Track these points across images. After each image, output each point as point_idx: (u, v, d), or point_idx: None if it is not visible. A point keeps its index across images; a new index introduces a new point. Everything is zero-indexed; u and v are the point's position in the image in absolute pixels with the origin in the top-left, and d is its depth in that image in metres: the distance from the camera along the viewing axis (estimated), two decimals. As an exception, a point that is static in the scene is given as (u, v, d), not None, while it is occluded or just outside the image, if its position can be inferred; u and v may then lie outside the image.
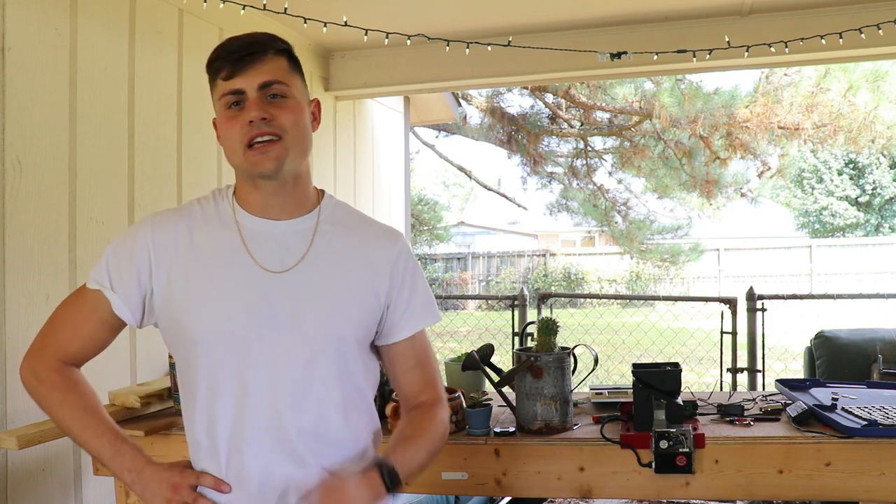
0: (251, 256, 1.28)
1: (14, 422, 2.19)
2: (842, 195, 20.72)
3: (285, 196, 1.31)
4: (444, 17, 3.56)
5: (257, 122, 1.23)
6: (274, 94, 1.26)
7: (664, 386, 1.97)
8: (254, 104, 1.24)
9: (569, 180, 9.10)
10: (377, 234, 1.39)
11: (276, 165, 1.26)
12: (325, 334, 1.27)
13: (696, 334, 6.25)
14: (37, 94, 2.32)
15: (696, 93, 6.74)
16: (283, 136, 1.25)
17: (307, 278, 1.28)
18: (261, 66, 1.26)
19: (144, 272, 1.29)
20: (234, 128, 1.25)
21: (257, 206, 1.32)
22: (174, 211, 1.37)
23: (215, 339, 1.25)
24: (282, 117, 1.25)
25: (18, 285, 2.24)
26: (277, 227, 1.31)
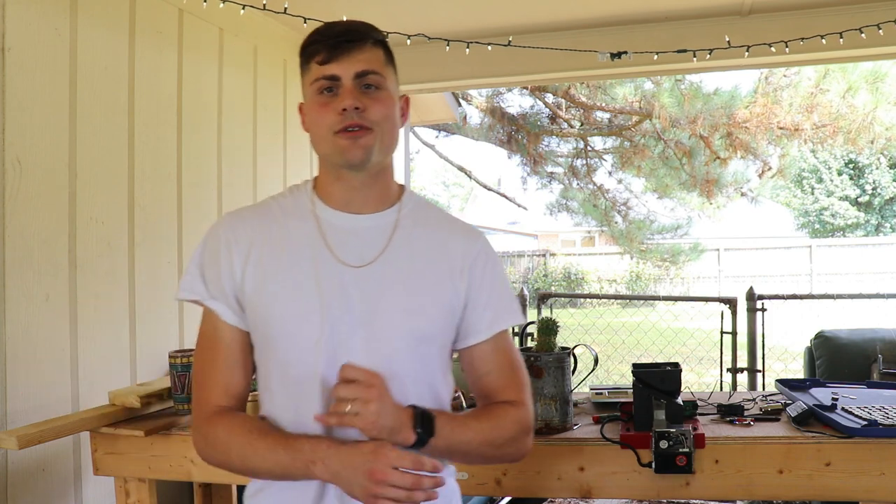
0: (330, 250, 1.25)
1: (14, 422, 2.19)
2: (842, 195, 20.72)
3: (368, 189, 1.28)
4: (444, 17, 3.56)
5: (350, 110, 1.20)
6: (368, 84, 1.23)
7: (664, 386, 1.97)
8: (348, 92, 1.21)
9: (569, 180, 9.10)
10: (458, 231, 1.35)
11: (364, 155, 1.22)
12: (405, 331, 1.24)
13: (696, 334, 6.25)
14: (37, 94, 2.32)
15: (696, 93, 6.74)
16: (373, 128, 1.22)
17: (386, 273, 1.25)
18: (358, 54, 1.23)
19: (228, 272, 1.27)
20: (326, 114, 1.22)
21: (339, 200, 1.29)
22: (250, 207, 1.35)
23: (291, 333, 1.23)
24: (374, 109, 1.22)
25: (18, 285, 2.24)
26: (358, 221, 1.28)
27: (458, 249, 1.31)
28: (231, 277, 1.26)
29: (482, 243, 1.35)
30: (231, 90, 3.33)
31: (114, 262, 2.63)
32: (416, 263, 1.28)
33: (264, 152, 3.62)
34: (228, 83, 3.30)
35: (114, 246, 2.64)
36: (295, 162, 3.87)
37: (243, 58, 3.45)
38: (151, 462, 2.09)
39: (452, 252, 1.31)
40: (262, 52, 3.57)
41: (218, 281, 1.27)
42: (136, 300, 2.73)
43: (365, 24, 1.28)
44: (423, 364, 1.27)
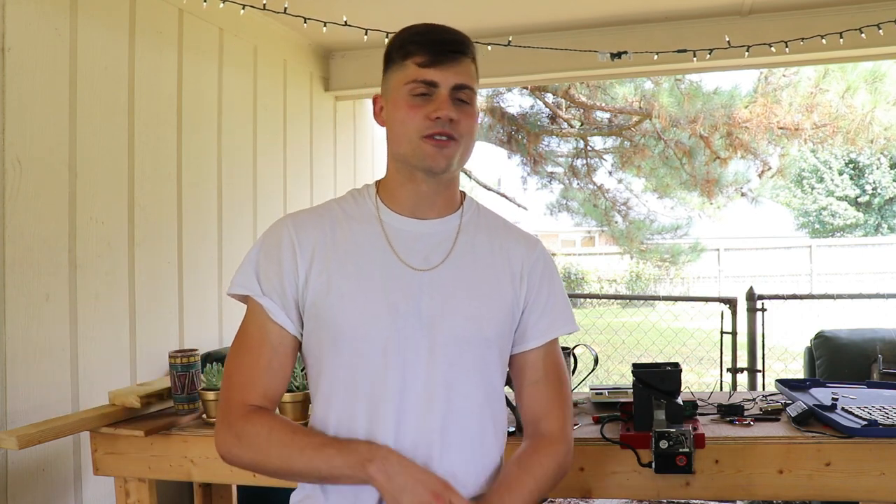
0: (395, 253, 1.26)
1: (14, 422, 2.19)
2: (842, 195, 20.72)
3: (437, 196, 1.30)
4: (443, 17, 3.54)
5: (445, 120, 1.22)
6: (462, 98, 1.25)
7: (664, 386, 1.97)
8: (446, 102, 1.23)
9: (569, 180, 9.09)
10: (517, 237, 1.37)
11: (447, 164, 1.25)
12: (468, 335, 1.25)
13: (696, 334, 6.25)
14: (37, 94, 2.32)
15: (696, 93, 6.73)
16: (460, 140, 1.25)
17: (451, 277, 1.26)
18: (459, 66, 1.25)
19: (291, 272, 1.25)
20: (416, 116, 1.23)
21: (405, 204, 1.30)
22: (312, 210, 1.34)
23: (359, 335, 1.22)
24: (464, 123, 1.25)
25: (18, 285, 2.24)
26: (422, 226, 1.30)
27: (518, 255, 1.33)
28: (293, 280, 1.25)
29: (541, 249, 1.37)
30: (231, 90, 3.33)
31: (114, 262, 2.63)
32: (479, 268, 1.29)
33: (264, 152, 3.62)
34: (228, 83, 3.30)
35: (114, 246, 2.64)
36: (295, 162, 3.87)
37: (243, 58, 3.45)
38: (151, 462, 2.09)
39: (513, 257, 1.33)
40: (262, 52, 3.57)
41: (276, 280, 1.25)
42: (136, 300, 2.73)
43: (465, 37, 1.31)
44: (484, 367, 1.27)
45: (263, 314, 1.25)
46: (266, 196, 3.62)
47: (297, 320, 1.26)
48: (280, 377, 1.27)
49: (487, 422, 1.28)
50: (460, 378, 1.24)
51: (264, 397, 1.25)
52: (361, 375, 1.22)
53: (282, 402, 2.09)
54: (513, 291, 1.30)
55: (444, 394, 1.22)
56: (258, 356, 1.25)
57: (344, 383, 1.24)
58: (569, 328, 1.36)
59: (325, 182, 4.13)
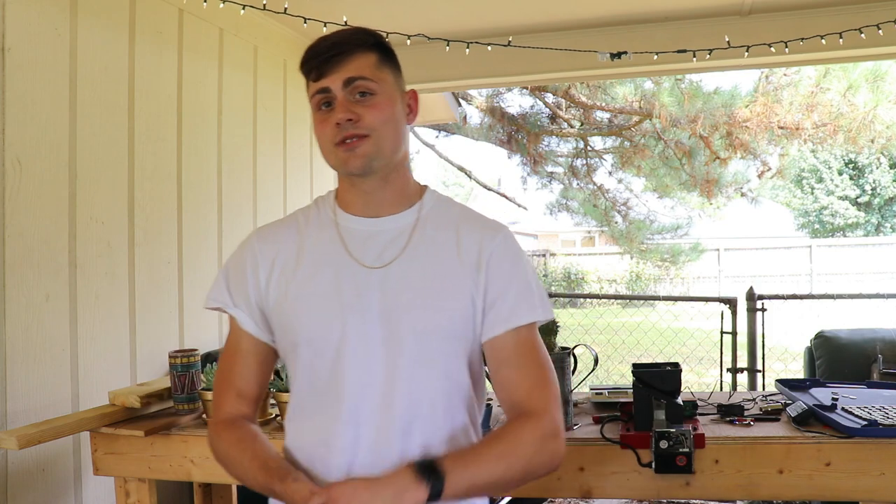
0: (348, 253, 1.28)
1: (14, 422, 2.19)
2: (842, 195, 20.72)
3: (382, 192, 1.30)
4: (444, 17, 3.56)
5: (344, 123, 1.23)
6: (362, 91, 1.24)
7: (664, 386, 1.97)
8: (340, 105, 1.24)
9: (569, 180, 9.10)
10: (478, 226, 1.33)
11: (365, 163, 1.24)
12: (425, 330, 1.24)
13: (696, 334, 6.25)
14: (37, 94, 2.32)
15: (696, 93, 6.74)
16: (370, 134, 1.24)
17: (405, 273, 1.26)
18: (348, 63, 1.24)
19: (253, 283, 1.31)
20: (325, 129, 1.25)
21: (357, 205, 1.32)
22: (278, 221, 1.39)
23: (314, 338, 1.25)
24: (368, 116, 1.24)
25: (18, 285, 2.24)
26: (377, 224, 1.30)
27: (477, 243, 1.30)
28: (256, 289, 1.31)
29: (503, 236, 1.32)
30: (231, 90, 3.33)
31: (114, 262, 2.63)
32: (436, 261, 1.28)
33: (264, 152, 3.62)
34: (228, 83, 3.30)
35: (114, 246, 2.64)
36: (295, 161, 3.87)
37: (243, 58, 3.45)
38: (151, 462, 2.09)
39: (471, 247, 1.29)
40: (262, 52, 3.57)
41: (242, 291, 1.32)
42: (136, 300, 2.73)
43: (355, 32, 1.29)
44: (447, 359, 1.26)
45: (236, 324, 1.34)
46: (266, 196, 3.62)
47: (265, 328, 1.33)
48: (253, 380, 1.35)
49: (456, 414, 1.26)
50: (421, 371, 1.23)
51: (239, 398, 1.34)
52: (321, 375, 1.25)
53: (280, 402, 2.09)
54: (472, 281, 1.27)
55: (405, 387, 1.22)
56: (233, 363, 1.35)
57: (306, 384, 1.28)
58: (533, 315, 1.28)
59: (325, 181, 4.13)
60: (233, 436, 1.29)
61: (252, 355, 1.34)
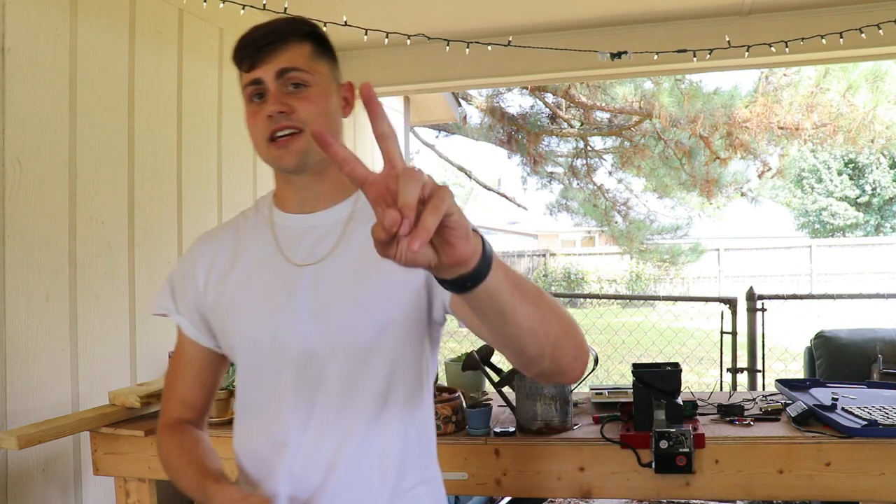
0: (280, 252, 1.24)
1: (14, 422, 2.19)
2: (841, 195, 20.73)
3: (316, 187, 1.25)
4: (444, 17, 3.56)
5: (276, 115, 1.17)
6: (295, 82, 1.19)
7: (664, 386, 1.97)
8: (273, 97, 1.18)
9: (569, 180, 9.10)
10: None
11: (299, 160, 1.19)
12: (363, 322, 1.18)
13: (696, 334, 6.25)
14: (37, 94, 2.32)
15: (696, 93, 6.74)
16: (304, 129, 1.18)
17: (338, 267, 1.20)
18: (280, 54, 1.19)
19: (193, 289, 1.29)
20: (257, 122, 1.20)
21: (291, 202, 1.27)
22: (221, 225, 1.38)
23: (248, 340, 1.23)
24: (302, 109, 1.18)
25: (18, 285, 2.24)
26: (311, 220, 1.25)
27: None
28: (196, 294, 1.29)
29: None
30: (231, 90, 3.33)
31: (114, 262, 2.64)
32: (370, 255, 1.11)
33: (264, 152, 3.62)
34: (228, 83, 3.30)
35: (114, 246, 2.64)
36: (295, 162, 3.87)
37: (243, 58, 3.45)
38: (151, 462, 2.09)
39: None
40: (262, 52, 3.57)
41: (184, 297, 1.30)
42: (136, 300, 2.73)
43: (289, 21, 1.24)
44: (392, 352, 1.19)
45: (180, 331, 1.33)
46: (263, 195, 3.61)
47: (208, 333, 1.30)
48: (197, 387, 1.34)
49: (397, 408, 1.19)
50: (363, 366, 1.17)
51: (184, 407, 1.33)
52: (258, 377, 1.22)
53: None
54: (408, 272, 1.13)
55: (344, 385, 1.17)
56: (177, 369, 1.34)
57: (246, 386, 1.25)
58: None
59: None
60: (174, 439, 1.28)
61: (195, 360, 1.33)
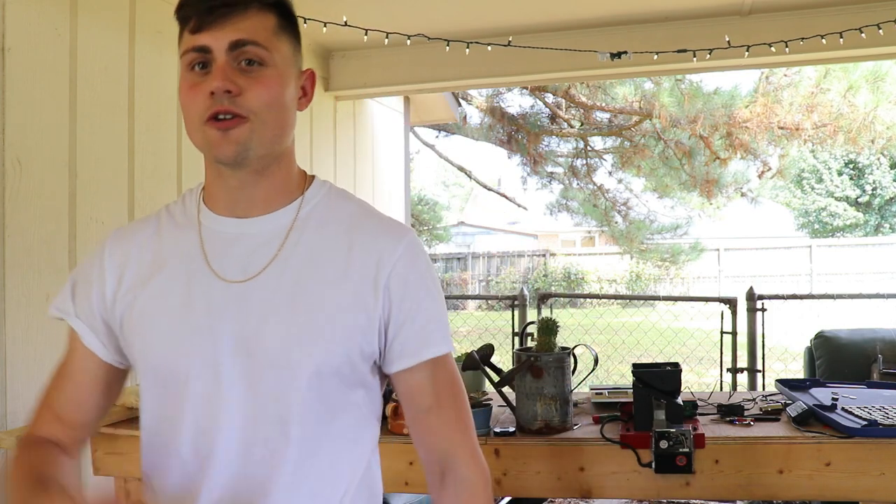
0: (207, 263, 1.02)
1: (14, 422, 2.19)
2: (842, 195, 20.73)
3: (253, 188, 1.04)
4: (444, 17, 3.56)
5: (219, 94, 0.96)
6: (249, 59, 0.98)
7: (664, 386, 1.97)
8: (219, 71, 0.96)
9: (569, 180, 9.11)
10: (376, 230, 1.06)
11: (237, 151, 0.98)
12: (296, 364, 0.98)
13: (696, 334, 6.25)
14: (37, 94, 2.32)
15: (696, 93, 6.74)
16: (249, 116, 0.98)
17: (273, 289, 1.00)
18: (238, 21, 0.97)
19: (98, 293, 1.07)
20: (195, 97, 0.98)
21: (223, 202, 1.05)
22: (139, 220, 1.15)
23: (159, 366, 1.02)
24: (251, 93, 0.97)
25: (18, 285, 2.24)
26: (244, 227, 1.04)
27: (376, 251, 1.03)
28: (101, 299, 1.07)
29: (406, 244, 1.05)
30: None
31: (114, 262, 2.64)
32: (314, 275, 1.01)
33: (264, 152, 3.62)
34: (228, 83, 3.30)
35: (114, 246, 2.64)
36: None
37: (243, 58, 3.45)
38: (151, 462, 2.09)
39: (365, 257, 1.03)
40: (262, 52, 3.58)
41: (87, 300, 1.08)
42: (136, 300, 2.73)
43: None
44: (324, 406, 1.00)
45: (75, 337, 1.09)
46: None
47: (110, 344, 1.08)
48: (82, 406, 1.08)
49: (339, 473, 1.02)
50: (293, 416, 0.98)
51: (58, 421, 1.08)
52: (166, 413, 1.02)
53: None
54: (362, 302, 1.01)
55: (269, 437, 0.98)
56: (61, 378, 1.10)
57: (152, 419, 1.04)
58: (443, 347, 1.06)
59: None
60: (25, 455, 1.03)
61: (86, 374, 1.08)
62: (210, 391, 0.99)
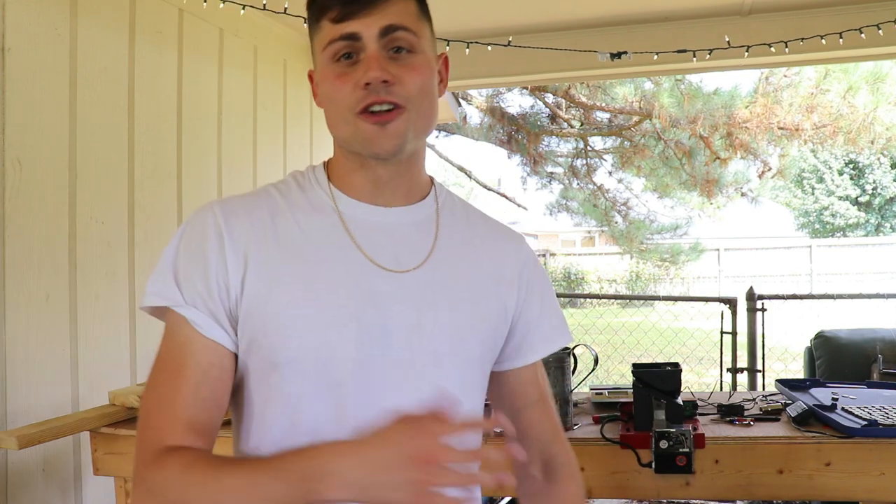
0: (360, 250, 0.97)
1: (14, 422, 2.19)
2: (842, 195, 20.73)
3: (399, 179, 1.01)
4: (444, 17, 3.55)
5: (376, 84, 0.92)
6: (399, 46, 0.95)
7: (664, 386, 1.97)
8: (373, 60, 0.92)
9: (569, 180, 9.11)
10: (501, 232, 1.11)
11: (397, 144, 0.95)
12: (455, 353, 0.99)
13: (696, 334, 6.25)
14: (37, 94, 2.32)
15: (696, 93, 6.74)
16: (406, 105, 0.94)
17: (433, 281, 0.99)
18: (386, 6, 0.93)
19: (219, 275, 0.94)
20: (344, 88, 0.93)
21: (363, 190, 1.01)
22: (245, 196, 1.02)
23: (308, 358, 0.93)
24: (408, 80, 0.94)
25: (18, 285, 2.24)
26: (390, 216, 1.01)
27: (504, 254, 1.08)
28: (224, 282, 0.94)
29: (528, 249, 1.13)
30: (231, 90, 3.33)
31: (114, 262, 2.63)
32: (462, 269, 1.03)
33: (264, 152, 3.62)
34: (228, 83, 3.30)
35: (114, 246, 2.64)
36: (295, 162, 3.86)
37: (243, 58, 3.45)
38: (151, 462, 2.09)
39: (498, 257, 1.07)
40: (262, 52, 3.57)
41: (201, 284, 0.94)
42: (136, 300, 2.73)
43: None
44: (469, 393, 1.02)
45: (188, 329, 0.94)
46: (266, 196, 3.61)
47: (233, 332, 0.96)
48: (213, 407, 0.94)
49: None
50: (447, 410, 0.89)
51: (192, 431, 0.91)
52: (310, 410, 0.93)
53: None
54: (499, 298, 1.05)
55: None
56: (179, 381, 0.93)
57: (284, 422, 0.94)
58: (565, 339, 1.15)
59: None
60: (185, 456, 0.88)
61: (215, 371, 0.94)
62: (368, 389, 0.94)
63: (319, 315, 0.94)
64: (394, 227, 1.01)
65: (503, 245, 1.10)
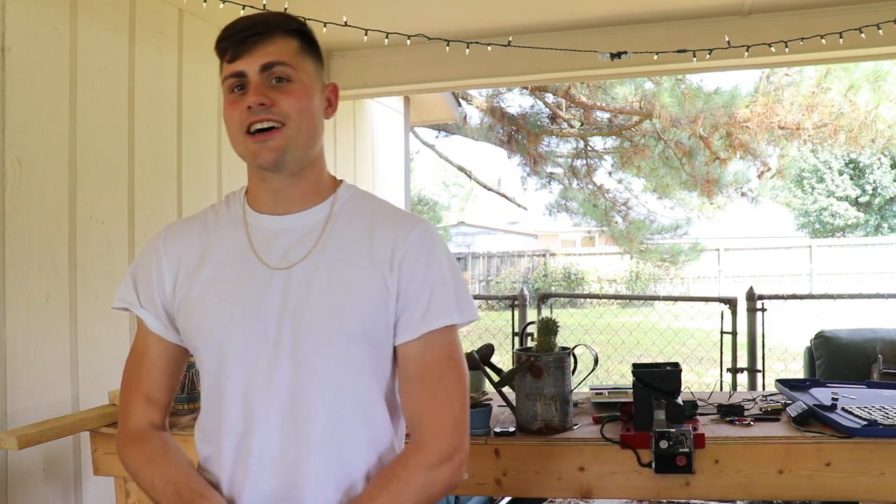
0: (254, 253, 1.22)
1: (14, 422, 2.19)
2: (842, 195, 20.73)
3: (292, 189, 1.23)
4: (444, 17, 3.56)
5: (255, 107, 1.15)
6: (278, 77, 1.18)
7: (664, 386, 1.97)
8: (254, 88, 1.16)
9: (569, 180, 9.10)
10: (395, 221, 1.25)
11: (277, 157, 1.17)
12: (333, 332, 1.17)
13: (696, 334, 6.25)
14: (37, 94, 2.33)
15: (696, 93, 6.74)
16: (285, 122, 1.17)
17: (312, 272, 1.19)
18: (265, 46, 1.18)
19: (158, 284, 1.26)
20: (234, 113, 1.18)
21: (266, 202, 1.25)
22: (187, 219, 1.34)
23: (213, 343, 1.20)
24: (284, 103, 1.17)
25: (18, 285, 2.24)
26: (285, 222, 1.24)
27: (391, 240, 1.22)
28: (161, 290, 1.26)
29: (419, 232, 1.23)
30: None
31: (114, 262, 2.64)
32: (344, 260, 1.20)
33: (264, 152, 3.62)
34: (228, 83, 3.30)
35: (114, 246, 2.64)
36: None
37: (243, 58, 3.45)
38: (151, 462, 2.09)
39: (383, 243, 1.21)
40: (262, 52, 3.58)
41: (149, 292, 1.27)
42: (136, 300, 2.73)
43: (276, 15, 1.23)
44: (352, 364, 1.19)
45: (144, 326, 1.28)
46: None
47: (173, 329, 1.27)
48: (164, 385, 1.30)
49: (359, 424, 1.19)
50: (326, 377, 1.17)
51: (149, 403, 1.29)
52: (223, 384, 1.19)
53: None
54: (381, 280, 1.19)
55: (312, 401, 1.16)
56: (140, 367, 1.29)
57: (210, 391, 1.23)
58: (448, 318, 1.21)
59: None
60: (142, 452, 1.26)
61: (161, 358, 1.29)
62: (259, 361, 1.17)
63: (220, 309, 1.20)
64: (287, 231, 1.23)
65: (395, 231, 1.23)
